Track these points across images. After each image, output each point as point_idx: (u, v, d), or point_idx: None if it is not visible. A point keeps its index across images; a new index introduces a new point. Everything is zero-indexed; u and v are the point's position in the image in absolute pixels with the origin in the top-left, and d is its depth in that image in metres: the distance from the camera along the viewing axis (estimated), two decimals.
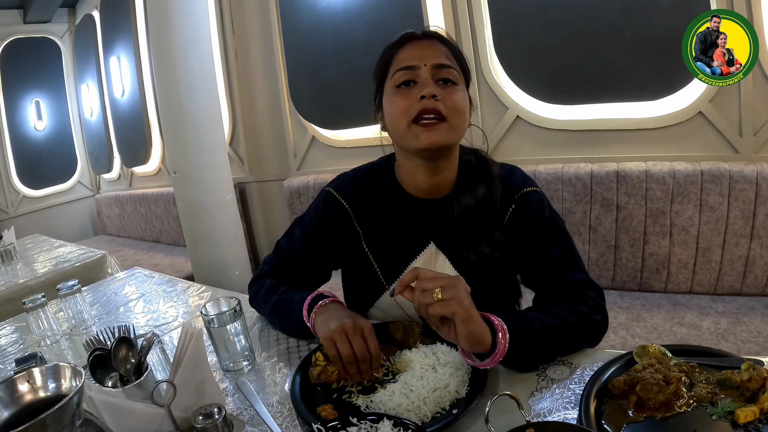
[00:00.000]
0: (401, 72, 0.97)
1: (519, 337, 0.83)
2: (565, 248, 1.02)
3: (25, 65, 4.86)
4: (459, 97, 0.97)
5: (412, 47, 1.00)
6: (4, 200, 4.82)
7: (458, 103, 0.96)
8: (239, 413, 0.87)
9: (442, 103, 0.94)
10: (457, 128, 0.97)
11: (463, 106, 0.97)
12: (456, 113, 0.95)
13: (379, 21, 2.61)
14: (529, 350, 0.85)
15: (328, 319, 0.94)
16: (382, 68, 1.03)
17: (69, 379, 0.57)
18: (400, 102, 0.96)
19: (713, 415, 0.68)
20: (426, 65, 0.96)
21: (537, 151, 2.30)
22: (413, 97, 0.95)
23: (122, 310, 1.54)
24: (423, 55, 0.97)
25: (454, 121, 0.95)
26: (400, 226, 1.08)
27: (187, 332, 0.80)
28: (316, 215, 1.16)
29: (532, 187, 1.06)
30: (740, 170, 1.77)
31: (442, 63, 0.96)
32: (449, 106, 0.94)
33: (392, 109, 0.98)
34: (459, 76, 0.99)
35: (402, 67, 0.97)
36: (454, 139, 0.98)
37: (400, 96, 0.97)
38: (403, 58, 0.99)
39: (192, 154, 2.79)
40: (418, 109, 0.94)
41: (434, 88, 0.94)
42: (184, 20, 2.68)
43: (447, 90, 0.96)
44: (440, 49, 0.99)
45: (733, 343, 1.58)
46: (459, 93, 0.97)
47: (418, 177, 1.04)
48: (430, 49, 0.98)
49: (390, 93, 1.00)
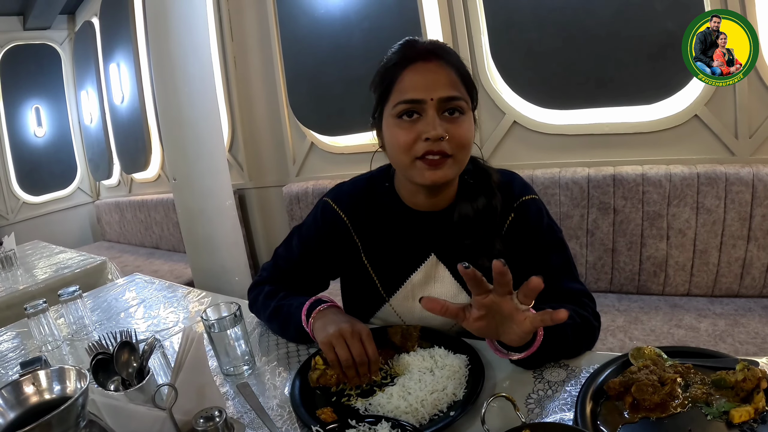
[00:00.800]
0: (404, 104, 0.91)
1: (550, 333, 0.82)
2: (562, 259, 1.02)
3: (24, 72, 4.88)
4: (465, 129, 0.92)
5: (416, 72, 0.92)
6: (4, 206, 4.83)
7: (464, 138, 0.91)
8: (240, 416, 0.87)
9: (448, 142, 0.89)
10: (462, 161, 0.94)
11: (469, 139, 0.93)
12: (462, 148, 0.92)
13: (376, 28, 2.62)
14: (554, 347, 0.85)
15: (327, 324, 0.94)
16: (383, 89, 0.96)
17: (74, 381, 0.58)
18: (403, 136, 0.91)
19: (708, 415, 0.68)
20: (433, 99, 0.89)
21: (534, 155, 2.31)
22: (417, 132, 0.90)
23: (123, 315, 1.54)
24: (429, 85, 0.90)
25: (459, 155, 0.92)
26: (400, 238, 1.07)
27: (188, 336, 0.81)
28: (314, 225, 1.15)
29: (531, 195, 1.05)
30: (736, 172, 1.78)
31: (449, 96, 0.90)
32: (455, 142, 0.90)
33: (394, 141, 0.93)
34: (467, 104, 0.93)
35: (406, 99, 0.91)
36: (458, 172, 0.96)
37: (402, 129, 0.92)
38: (407, 86, 0.91)
39: (191, 161, 2.80)
40: (423, 149, 0.90)
41: (440, 127, 0.89)
42: (184, 27, 2.70)
43: (453, 123, 0.91)
44: (448, 77, 0.91)
45: (731, 345, 1.59)
46: (465, 125, 0.92)
47: (419, 197, 1.04)
48: (437, 77, 0.91)
49: (391, 121, 0.94)
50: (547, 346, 0.83)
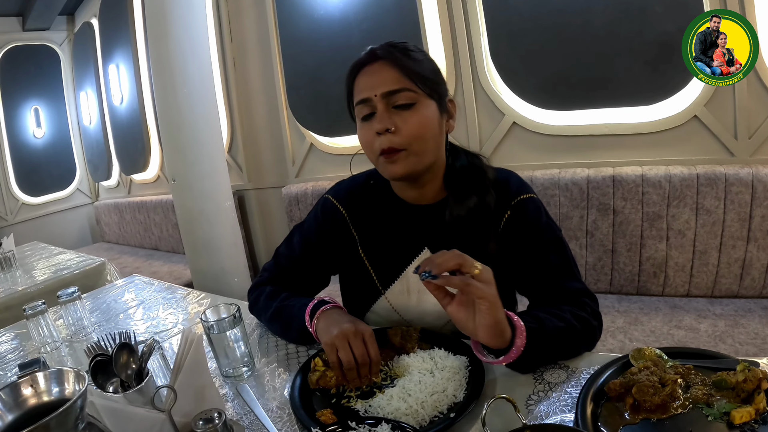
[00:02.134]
0: (360, 106, 0.99)
1: (534, 338, 0.82)
2: (561, 257, 1.02)
3: (24, 73, 4.88)
4: (415, 120, 0.95)
5: (365, 75, 0.99)
6: (3, 207, 4.82)
7: (414, 129, 0.95)
8: (239, 418, 0.87)
9: (396, 134, 0.94)
10: (420, 152, 0.97)
11: (420, 130, 0.95)
12: (414, 139, 0.95)
13: (376, 29, 2.63)
14: (540, 352, 0.85)
15: (330, 325, 0.95)
16: (347, 97, 1.05)
17: (72, 383, 0.58)
18: (364, 136, 0.99)
19: (709, 416, 0.68)
20: (376, 95, 0.95)
21: (533, 156, 2.31)
22: (373, 130, 0.96)
23: (122, 317, 1.54)
24: (373, 83, 0.96)
25: (414, 147, 0.95)
26: (396, 231, 1.09)
27: (187, 338, 0.81)
28: (314, 222, 1.17)
29: (529, 193, 1.05)
30: (736, 173, 1.78)
31: (391, 89, 0.95)
32: (405, 134, 0.94)
33: (360, 140, 1.01)
34: (417, 93, 0.96)
35: (358, 100, 0.99)
36: (419, 164, 0.98)
37: (363, 129, 1.00)
38: (359, 89, 0.99)
39: (191, 162, 2.80)
40: (379, 146, 0.96)
41: (388, 119, 0.94)
42: (183, 28, 2.70)
43: (402, 116, 0.95)
44: (390, 73, 0.96)
45: (731, 345, 1.59)
46: (415, 116, 0.95)
47: (405, 190, 1.08)
48: (379, 76, 0.96)
49: (358, 123, 1.02)
50: (533, 350, 0.83)
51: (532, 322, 0.84)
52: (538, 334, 0.83)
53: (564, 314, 0.91)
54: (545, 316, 0.89)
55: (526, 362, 0.84)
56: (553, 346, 0.87)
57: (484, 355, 0.85)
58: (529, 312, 0.91)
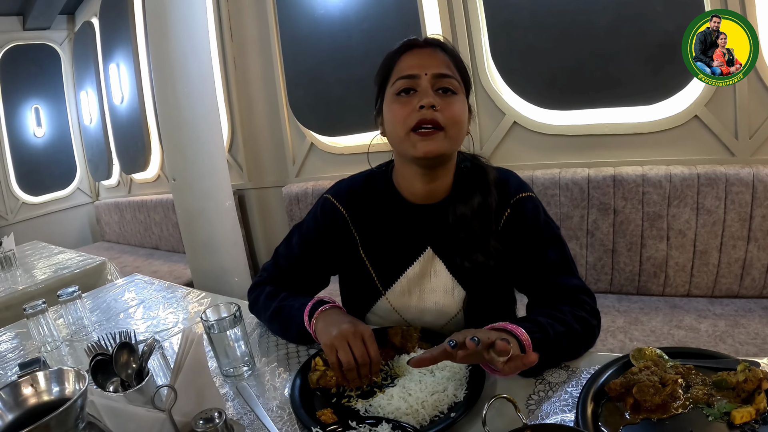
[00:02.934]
0: (402, 80, 0.98)
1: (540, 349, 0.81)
2: (559, 254, 1.03)
3: (24, 72, 4.88)
4: (457, 107, 0.97)
5: (413, 55, 1.00)
6: (4, 207, 4.82)
7: (456, 113, 0.96)
8: (239, 418, 0.87)
9: (440, 113, 0.94)
10: (454, 138, 0.97)
11: (461, 116, 0.97)
12: (453, 123, 0.96)
13: (376, 28, 2.62)
14: (546, 360, 0.85)
15: (329, 325, 0.94)
16: (384, 74, 1.03)
17: (72, 383, 0.58)
18: (400, 110, 0.97)
19: (709, 416, 0.68)
20: (426, 74, 0.96)
21: (534, 156, 2.31)
22: (412, 105, 0.95)
23: (122, 316, 1.54)
24: (424, 63, 0.97)
25: (451, 131, 0.96)
26: (397, 231, 1.09)
27: (187, 337, 0.81)
28: (314, 222, 1.16)
29: (528, 192, 1.06)
30: (736, 173, 1.78)
31: (442, 72, 0.97)
32: (447, 116, 0.95)
33: (391, 116, 0.99)
34: (459, 85, 0.99)
35: (403, 75, 0.98)
36: (450, 148, 0.98)
37: (399, 104, 0.98)
38: (405, 66, 0.99)
39: (191, 161, 2.80)
40: (417, 118, 0.94)
41: (433, 97, 0.95)
42: (183, 27, 2.70)
43: (446, 100, 0.96)
44: (441, 58, 0.99)
45: (731, 345, 1.59)
46: (457, 103, 0.97)
47: (415, 183, 1.05)
48: (431, 58, 0.98)
49: (390, 100, 1.00)
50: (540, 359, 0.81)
51: (537, 332, 0.83)
52: (543, 344, 0.83)
53: (564, 317, 0.91)
54: (547, 321, 0.88)
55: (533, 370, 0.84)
56: (558, 352, 0.88)
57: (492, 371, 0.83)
58: (531, 318, 0.90)
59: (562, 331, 0.88)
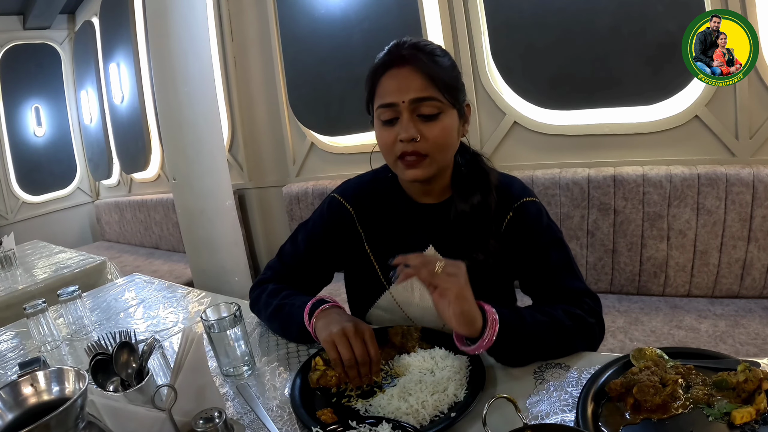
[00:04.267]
0: (382, 109, 0.99)
1: (509, 327, 0.85)
2: (562, 257, 1.04)
3: (24, 71, 4.88)
4: (438, 130, 0.97)
5: (390, 78, 0.98)
6: (4, 206, 4.83)
7: (438, 139, 0.97)
8: (239, 418, 0.87)
9: (421, 142, 0.96)
10: (440, 160, 1.00)
11: (444, 140, 0.98)
12: (437, 148, 0.98)
13: (376, 28, 2.62)
14: (518, 342, 0.87)
15: (329, 323, 0.95)
16: (368, 91, 1.04)
17: (72, 383, 0.58)
18: (384, 137, 1.00)
19: (710, 416, 0.68)
20: (404, 102, 0.95)
21: (534, 156, 2.31)
22: (395, 134, 0.97)
23: (122, 315, 1.54)
24: (401, 88, 0.96)
25: (435, 155, 0.98)
26: (401, 228, 1.12)
27: (187, 337, 0.81)
28: (320, 219, 1.19)
29: (531, 197, 1.08)
30: (737, 173, 1.78)
31: (420, 97, 0.95)
32: (429, 143, 0.97)
33: (379, 141, 1.03)
34: (442, 103, 0.97)
35: (383, 104, 0.98)
36: (437, 170, 1.02)
37: (384, 131, 1.00)
38: (384, 91, 0.98)
39: (191, 161, 2.79)
40: (400, 150, 0.98)
41: (413, 127, 0.95)
42: (184, 27, 2.69)
43: (427, 126, 0.96)
44: (419, 79, 0.96)
45: (732, 346, 1.59)
46: (439, 126, 0.97)
47: (415, 187, 1.10)
48: (408, 81, 0.96)
49: (377, 123, 1.02)
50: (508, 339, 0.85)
51: (508, 314, 0.87)
52: (513, 326, 0.86)
53: (554, 311, 0.93)
54: (528, 311, 0.92)
55: (507, 353, 0.88)
56: (535, 340, 0.89)
57: (463, 344, 0.87)
58: (515, 307, 0.95)
59: (543, 321, 0.90)
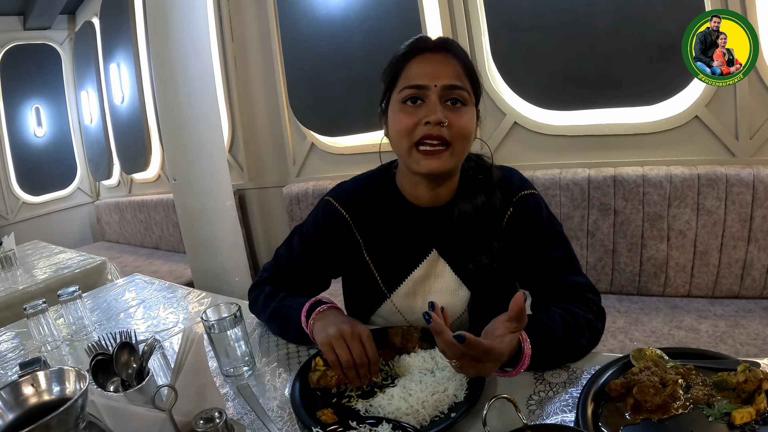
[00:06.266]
0: (409, 89, 0.94)
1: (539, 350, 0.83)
2: (563, 251, 1.02)
3: (25, 72, 4.88)
4: (466, 120, 0.94)
5: (423, 61, 0.95)
6: (4, 206, 4.83)
7: (464, 128, 0.93)
8: (240, 418, 0.87)
9: (448, 128, 0.91)
10: (460, 153, 0.96)
11: (469, 130, 0.94)
12: (461, 138, 0.93)
13: (377, 29, 2.62)
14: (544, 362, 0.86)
15: (327, 325, 0.94)
16: (391, 76, 0.99)
17: (73, 383, 0.58)
18: (405, 120, 0.94)
19: (710, 416, 0.68)
20: (436, 86, 0.92)
21: (534, 156, 2.31)
22: (419, 117, 0.92)
23: (122, 316, 1.54)
24: (435, 73, 0.93)
25: (458, 145, 0.94)
26: (402, 234, 1.08)
27: (188, 337, 0.81)
28: (315, 225, 1.15)
29: (530, 189, 1.06)
30: (737, 173, 1.78)
31: (453, 84, 0.92)
32: (455, 131, 0.92)
33: (396, 125, 0.96)
34: (469, 96, 0.95)
35: (411, 84, 0.94)
36: (455, 164, 0.97)
37: (405, 113, 0.94)
38: (414, 74, 0.94)
39: (191, 161, 2.80)
40: (422, 132, 0.92)
41: (441, 112, 0.91)
42: (184, 27, 2.70)
43: (455, 113, 0.93)
44: (453, 66, 0.94)
45: (732, 346, 1.59)
46: (466, 115, 0.94)
47: (420, 188, 1.04)
48: (442, 67, 0.93)
49: (396, 107, 0.97)
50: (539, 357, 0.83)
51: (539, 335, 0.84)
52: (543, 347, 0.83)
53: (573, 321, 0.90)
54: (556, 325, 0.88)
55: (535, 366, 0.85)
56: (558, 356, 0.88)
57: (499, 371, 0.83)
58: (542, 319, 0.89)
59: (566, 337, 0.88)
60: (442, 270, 1.07)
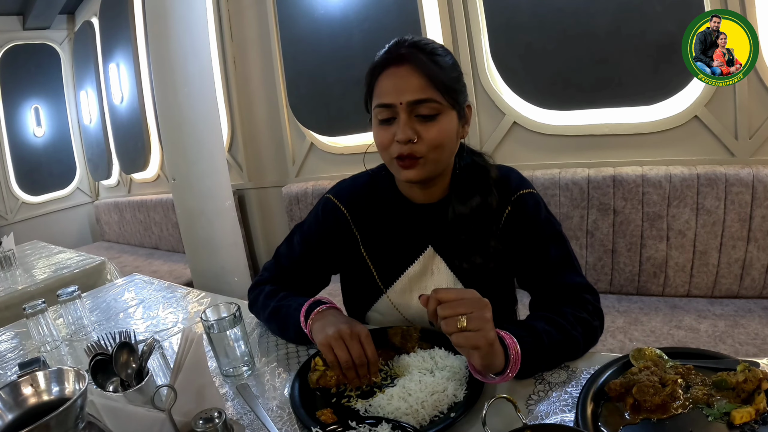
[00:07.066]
0: (380, 108, 0.97)
1: (529, 356, 0.82)
2: (561, 251, 1.02)
3: (24, 71, 4.88)
4: (436, 131, 0.94)
5: (389, 78, 0.96)
6: (3, 206, 4.82)
7: (434, 140, 0.94)
8: (239, 418, 0.87)
9: (417, 144, 0.94)
10: (435, 161, 0.97)
11: (441, 140, 0.95)
12: (433, 149, 0.95)
13: (376, 28, 2.62)
14: (536, 367, 0.86)
15: (325, 326, 0.94)
16: (367, 89, 1.01)
17: (72, 383, 0.58)
18: (381, 137, 0.98)
19: (709, 416, 0.68)
20: (402, 103, 0.93)
21: (534, 156, 2.31)
22: (392, 134, 0.95)
23: (122, 316, 1.54)
24: (399, 89, 0.94)
25: (431, 156, 0.96)
26: (399, 230, 1.09)
27: (187, 337, 0.81)
28: (315, 222, 1.17)
29: (529, 189, 1.06)
30: (736, 173, 1.78)
31: (417, 99, 0.93)
32: (426, 145, 0.94)
33: (376, 140, 1.00)
34: (440, 103, 0.94)
35: (380, 103, 0.96)
36: (434, 172, 0.99)
37: (381, 131, 0.98)
38: (382, 90, 0.96)
39: (191, 161, 2.80)
40: (396, 151, 0.96)
41: (410, 130, 0.93)
42: (183, 27, 2.70)
43: (425, 126, 0.94)
44: (417, 81, 0.93)
45: (731, 346, 1.59)
46: (436, 127, 0.95)
47: (413, 188, 1.07)
48: (404, 82, 0.94)
49: (374, 122, 1.00)
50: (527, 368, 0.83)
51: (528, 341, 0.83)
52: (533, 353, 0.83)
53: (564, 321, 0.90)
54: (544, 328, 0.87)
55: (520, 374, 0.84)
56: (550, 359, 0.87)
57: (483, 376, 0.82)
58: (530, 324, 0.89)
59: (559, 340, 0.87)
60: (438, 267, 1.08)
